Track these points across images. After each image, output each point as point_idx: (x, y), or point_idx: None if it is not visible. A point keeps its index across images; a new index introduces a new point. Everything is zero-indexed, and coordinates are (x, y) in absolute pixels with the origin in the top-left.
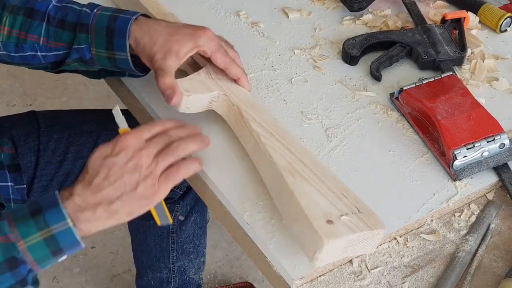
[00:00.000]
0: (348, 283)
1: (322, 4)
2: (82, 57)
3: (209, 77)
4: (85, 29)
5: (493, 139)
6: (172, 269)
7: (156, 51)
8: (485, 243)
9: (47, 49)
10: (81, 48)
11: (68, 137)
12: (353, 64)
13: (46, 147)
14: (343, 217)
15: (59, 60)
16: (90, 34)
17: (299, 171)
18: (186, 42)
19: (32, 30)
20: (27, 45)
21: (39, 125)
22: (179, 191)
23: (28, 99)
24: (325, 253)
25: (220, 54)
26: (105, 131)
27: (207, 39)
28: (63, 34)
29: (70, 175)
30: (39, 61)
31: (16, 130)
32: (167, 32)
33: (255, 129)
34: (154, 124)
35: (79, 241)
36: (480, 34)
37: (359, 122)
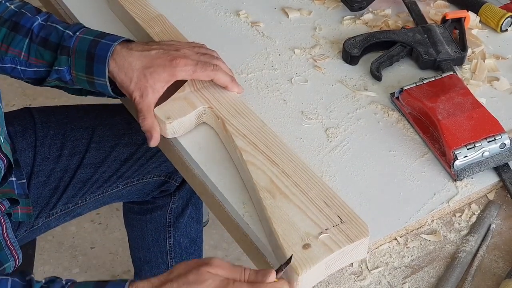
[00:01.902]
0: (348, 283)
1: (322, 3)
2: (62, 78)
3: (194, 89)
4: (66, 51)
5: (493, 139)
6: (170, 264)
7: (133, 89)
8: (485, 244)
9: (27, 65)
10: (61, 69)
11: (64, 132)
12: (354, 63)
13: (42, 143)
14: (321, 236)
15: (39, 77)
16: (71, 57)
17: (279, 188)
18: (161, 75)
19: (14, 44)
20: (7, 58)
21: (34, 121)
22: (175, 183)
23: (27, 99)
24: (305, 280)
25: (200, 72)
26: (100, 126)
27: (182, 67)
28: (45, 53)
29: (67, 171)
30: (19, 74)
31: (12, 127)
32: (140, 66)
33: (238, 144)
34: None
35: None
36: (481, 34)
37: (359, 122)
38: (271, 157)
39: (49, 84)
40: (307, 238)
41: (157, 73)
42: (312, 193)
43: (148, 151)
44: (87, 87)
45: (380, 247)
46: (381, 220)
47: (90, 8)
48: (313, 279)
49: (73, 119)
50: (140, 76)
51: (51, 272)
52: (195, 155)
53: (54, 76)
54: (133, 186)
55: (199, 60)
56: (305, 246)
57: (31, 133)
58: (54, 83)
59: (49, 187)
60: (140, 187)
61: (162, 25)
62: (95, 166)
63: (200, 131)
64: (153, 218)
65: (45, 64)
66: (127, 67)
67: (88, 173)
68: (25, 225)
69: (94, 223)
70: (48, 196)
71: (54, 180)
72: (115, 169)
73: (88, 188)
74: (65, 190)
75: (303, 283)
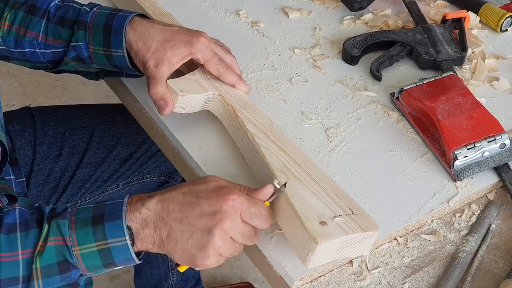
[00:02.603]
0: (348, 283)
1: (322, 3)
2: (79, 54)
3: (204, 77)
4: (83, 26)
5: (493, 139)
6: (170, 264)
7: (149, 58)
8: (485, 244)
9: (46, 46)
10: (79, 45)
11: (64, 132)
12: (353, 63)
13: (42, 142)
14: (336, 219)
15: (58, 59)
16: (88, 32)
17: (292, 172)
18: (180, 49)
19: (31, 27)
20: (26, 41)
21: (34, 120)
22: (175, 183)
23: (27, 99)
24: (317, 255)
25: (214, 62)
26: (100, 125)
27: (202, 47)
28: (62, 31)
29: (66, 170)
30: (38, 58)
31: (12, 126)
32: (161, 37)
33: (250, 129)
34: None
35: (133, 258)
36: (481, 34)
37: (359, 122)
38: (281, 147)
39: (67, 66)
40: (323, 217)
41: (177, 47)
42: (323, 185)
43: (148, 151)
44: (105, 63)
45: (380, 247)
46: (381, 220)
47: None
48: (321, 258)
49: (73, 119)
50: (159, 47)
51: None
52: (195, 155)
53: (72, 54)
54: (133, 185)
55: (216, 51)
56: (321, 223)
57: (31, 132)
58: (72, 65)
59: (49, 186)
60: (140, 187)
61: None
62: (94, 166)
63: (200, 131)
64: None
65: (62, 44)
66: (147, 37)
67: (87, 173)
68: None
69: None
70: (48, 195)
71: (53, 180)
72: (115, 168)
73: (87, 187)
74: (65, 190)
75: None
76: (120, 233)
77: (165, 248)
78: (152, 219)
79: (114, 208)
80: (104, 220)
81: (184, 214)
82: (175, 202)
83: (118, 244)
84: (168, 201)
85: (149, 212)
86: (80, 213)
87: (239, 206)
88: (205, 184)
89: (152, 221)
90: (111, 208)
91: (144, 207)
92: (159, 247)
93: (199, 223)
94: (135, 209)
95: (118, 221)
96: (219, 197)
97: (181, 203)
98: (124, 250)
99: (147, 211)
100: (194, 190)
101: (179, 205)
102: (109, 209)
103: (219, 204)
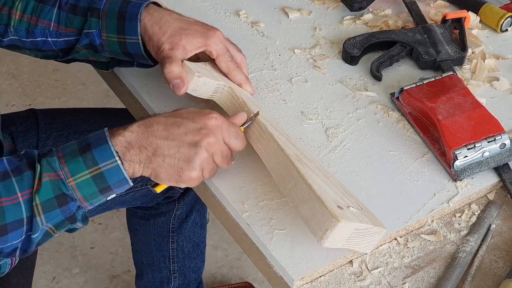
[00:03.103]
0: (348, 283)
1: (322, 3)
2: (92, 42)
3: (215, 69)
4: (97, 13)
5: (493, 139)
6: (173, 269)
7: (165, 41)
8: (485, 244)
9: (58, 35)
10: (91, 32)
11: (67, 135)
12: (354, 64)
13: (44, 144)
14: (350, 208)
15: (69, 47)
16: (101, 19)
17: (305, 163)
18: (196, 39)
19: (43, 15)
20: (37, 31)
21: (38, 122)
22: (179, 190)
23: (27, 99)
24: (335, 234)
25: (225, 58)
26: None
27: (216, 41)
28: (74, 19)
29: None
30: (50, 46)
31: (15, 127)
32: (178, 25)
33: (261, 119)
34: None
35: (127, 179)
36: (481, 34)
37: (359, 122)
38: (291, 142)
39: (78, 54)
40: (339, 204)
41: (193, 36)
42: (332, 181)
43: None
44: (117, 51)
45: (380, 247)
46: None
47: None
48: (335, 240)
49: (77, 122)
50: (175, 33)
51: (50, 272)
52: None
53: (84, 41)
54: (136, 192)
55: (228, 49)
56: (339, 207)
57: (33, 134)
58: (83, 53)
59: None
60: (144, 193)
61: None
62: None
63: None
64: (157, 223)
65: (75, 32)
66: (163, 22)
67: None
68: None
69: (94, 223)
70: None
71: None
72: None
73: None
74: None
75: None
76: (110, 155)
77: (151, 166)
78: (136, 140)
79: (97, 136)
80: (92, 148)
81: (169, 132)
82: (159, 123)
83: (109, 166)
84: (151, 123)
85: (132, 134)
86: (66, 148)
87: (220, 124)
88: (185, 108)
89: (137, 142)
90: (95, 137)
91: (127, 130)
92: (145, 165)
93: (185, 138)
94: (117, 134)
95: (105, 145)
96: (202, 116)
97: (164, 123)
98: (116, 172)
99: (130, 134)
100: (175, 113)
101: (163, 125)
102: (93, 139)
103: (203, 121)
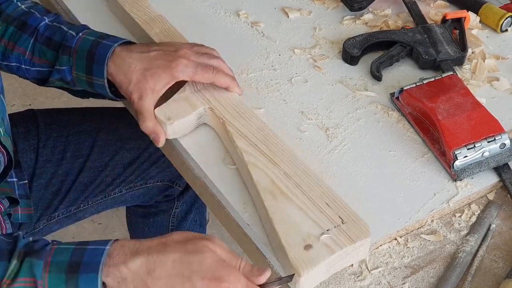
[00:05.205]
0: (348, 283)
1: (322, 3)
2: (63, 78)
3: (195, 90)
4: (68, 51)
5: (493, 139)
6: None
7: (132, 91)
8: (485, 244)
9: (31, 64)
10: (63, 69)
11: (67, 135)
12: (354, 64)
13: (45, 145)
14: (323, 237)
15: (43, 77)
16: (72, 57)
17: (280, 188)
18: (161, 76)
19: (20, 43)
20: (13, 56)
21: (38, 123)
22: (179, 188)
23: (27, 99)
24: (305, 281)
25: (201, 73)
26: (103, 130)
27: (182, 69)
28: (48, 52)
29: (69, 174)
30: (24, 73)
31: (15, 128)
32: (140, 67)
33: (239, 145)
34: None
35: None
36: (481, 34)
37: (359, 122)
38: (272, 158)
39: (53, 84)
40: (309, 239)
41: (158, 74)
42: (313, 194)
43: (152, 156)
44: (87, 88)
45: (380, 247)
46: (381, 220)
47: (90, 8)
48: (314, 280)
49: (77, 122)
50: (140, 78)
51: None
52: (196, 155)
53: (56, 76)
54: (136, 191)
55: (199, 62)
56: (306, 247)
57: (34, 135)
58: (58, 83)
59: (51, 189)
60: (144, 192)
61: (162, 25)
62: (98, 170)
63: (200, 132)
64: (156, 221)
65: (47, 64)
66: (126, 69)
67: (90, 177)
68: (26, 227)
69: (94, 223)
70: (50, 198)
71: (56, 183)
72: (118, 173)
73: (90, 191)
74: (67, 193)
75: (304, 284)
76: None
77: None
78: (132, 280)
79: (93, 257)
80: (80, 271)
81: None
82: (163, 269)
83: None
84: (155, 265)
85: (130, 273)
86: (59, 254)
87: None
88: (200, 255)
89: (133, 282)
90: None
91: (126, 266)
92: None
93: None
94: (114, 265)
95: (93, 274)
96: (214, 280)
97: (169, 273)
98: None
99: (128, 271)
100: (186, 260)
101: (167, 274)
102: (87, 258)
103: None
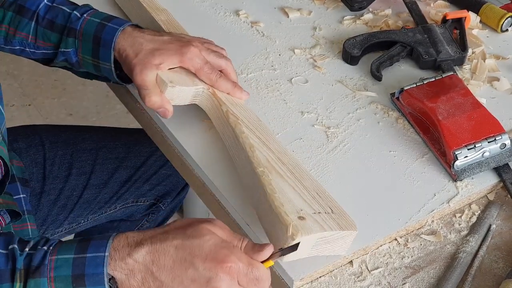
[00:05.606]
0: (348, 284)
1: (322, 3)
2: (68, 60)
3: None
4: (73, 33)
5: (494, 139)
6: None
7: (136, 63)
8: (486, 244)
9: (36, 47)
10: (68, 51)
11: (72, 153)
12: (354, 64)
13: (52, 162)
14: (315, 215)
15: (48, 58)
16: (78, 39)
17: (275, 168)
18: (170, 57)
19: (21, 28)
20: (16, 40)
21: (42, 140)
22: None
23: (27, 99)
24: None
25: (205, 72)
26: (103, 149)
27: (192, 56)
28: (51, 35)
29: (75, 190)
30: (28, 55)
31: (17, 143)
32: (151, 47)
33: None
34: None
35: None
36: (481, 34)
37: (359, 122)
38: (267, 144)
39: (58, 65)
40: (302, 212)
41: (166, 55)
42: (305, 183)
43: (145, 174)
44: (93, 70)
45: (380, 247)
46: (381, 220)
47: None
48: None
49: (78, 141)
50: (147, 54)
51: None
52: (195, 155)
53: (61, 57)
54: (127, 208)
55: (208, 59)
56: (300, 217)
57: (39, 151)
58: (62, 64)
59: (58, 204)
60: (134, 210)
61: (167, 16)
62: (99, 187)
63: (200, 131)
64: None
65: (52, 46)
66: (136, 46)
67: (93, 194)
68: None
69: None
70: (56, 213)
71: (63, 198)
72: (115, 190)
73: (91, 208)
74: (72, 210)
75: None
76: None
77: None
78: (140, 270)
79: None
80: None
81: (176, 273)
82: (167, 256)
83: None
84: (158, 254)
85: (136, 264)
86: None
87: (236, 272)
88: (200, 239)
89: (140, 272)
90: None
91: (131, 258)
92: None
93: (192, 286)
94: (120, 258)
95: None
96: (216, 262)
97: (173, 260)
98: None
99: (134, 263)
100: (188, 245)
101: (171, 261)
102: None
103: (215, 270)
